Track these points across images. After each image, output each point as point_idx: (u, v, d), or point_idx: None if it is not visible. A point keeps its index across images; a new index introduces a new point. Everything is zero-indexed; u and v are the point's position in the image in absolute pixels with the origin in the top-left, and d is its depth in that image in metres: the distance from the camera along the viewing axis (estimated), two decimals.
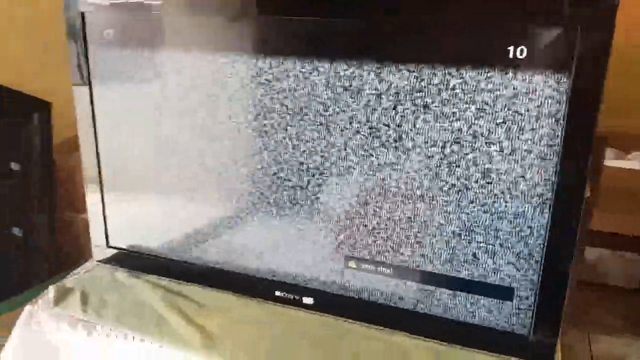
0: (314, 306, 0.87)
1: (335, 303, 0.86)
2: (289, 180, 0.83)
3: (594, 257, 2.18)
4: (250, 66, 0.80)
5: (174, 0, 0.83)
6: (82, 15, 0.87)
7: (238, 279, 0.91)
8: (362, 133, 0.77)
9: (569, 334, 1.84)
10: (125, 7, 0.86)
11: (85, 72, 0.91)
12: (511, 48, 0.67)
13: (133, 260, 0.98)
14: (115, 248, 0.99)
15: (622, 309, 2.00)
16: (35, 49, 2.02)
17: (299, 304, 0.87)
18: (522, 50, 0.67)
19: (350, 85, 0.75)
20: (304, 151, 0.81)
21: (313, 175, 0.81)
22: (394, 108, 0.74)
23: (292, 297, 0.88)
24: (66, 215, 2.01)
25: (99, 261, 1.00)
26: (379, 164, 0.77)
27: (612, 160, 1.76)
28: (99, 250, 1.00)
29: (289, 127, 0.80)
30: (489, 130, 0.70)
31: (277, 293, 0.88)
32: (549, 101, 0.67)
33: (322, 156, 0.80)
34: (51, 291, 0.90)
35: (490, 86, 0.69)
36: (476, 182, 0.73)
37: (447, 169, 0.74)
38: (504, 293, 0.77)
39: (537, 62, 0.66)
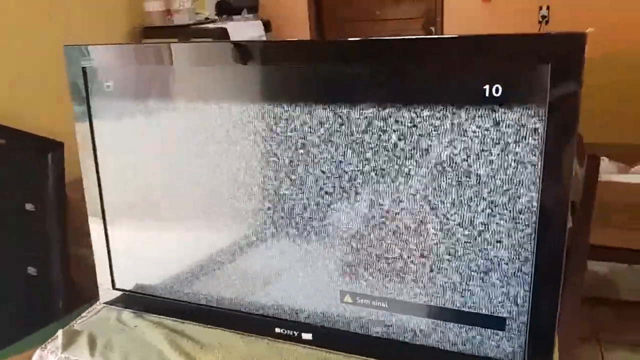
0: (314, 342, 0.89)
1: (334, 338, 0.87)
2: (288, 220, 0.86)
3: (606, 272, 2.16)
4: (239, 111, 0.84)
5: (168, 54, 0.88)
6: (84, 69, 0.92)
7: (239, 317, 0.93)
8: (347, 175, 0.79)
9: (583, 351, 1.82)
10: (121, 62, 0.91)
11: (87, 118, 0.95)
12: (487, 87, 0.69)
13: (138, 301, 1.01)
14: (120, 290, 1.02)
15: (636, 322, 1.97)
16: (49, 92, 2.10)
17: (299, 340, 0.89)
18: (497, 89, 0.69)
19: (340, 127, 0.78)
20: (303, 193, 0.83)
21: (310, 217, 0.84)
22: (383, 146, 0.77)
23: (291, 333, 0.90)
24: (80, 250, 2.06)
25: (106, 303, 1.04)
26: (370, 205, 0.80)
27: (616, 175, 1.76)
28: (105, 292, 1.03)
29: (287, 172, 0.83)
30: (469, 165, 0.72)
31: (277, 330, 0.90)
32: (527, 135, 0.69)
33: (318, 197, 0.83)
34: (60, 336, 0.93)
35: (467, 123, 0.71)
36: (461, 219, 0.75)
37: (430, 207, 0.76)
38: (496, 323, 0.78)
39: (513, 99, 0.68)
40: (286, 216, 0.86)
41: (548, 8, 2.57)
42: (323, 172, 0.81)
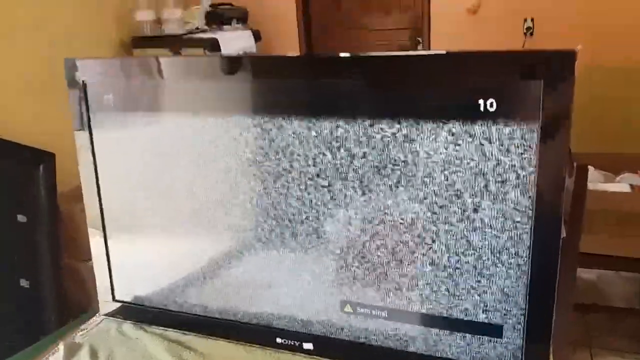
0: (314, 351, 0.90)
1: (335, 347, 0.89)
2: (287, 230, 0.87)
3: (596, 278, 2.21)
4: (234, 124, 0.85)
5: (165, 69, 0.89)
6: (84, 83, 0.94)
7: (240, 328, 0.94)
8: (348, 185, 0.81)
9: (573, 357, 1.85)
10: (122, 75, 0.92)
11: (87, 132, 0.96)
12: (481, 102, 0.72)
13: (138, 313, 1.01)
14: (120, 302, 1.02)
15: (626, 328, 2.01)
16: (40, 104, 2.10)
17: (300, 350, 0.91)
18: (491, 104, 0.72)
19: (336, 141, 0.80)
20: (298, 203, 0.85)
21: (310, 227, 0.86)
22: (378, 159, 0.79)
23: (292, 343, 0.91)
24: (72, 262, 2.04)
25: (106, 315, 1.04)
26: (368, 215, 0.82)
27: (601, 184, 1.80)
28: (105, 304, 1.04)
29: (283, 183, 0.85)
30: (466, 178, 0.75)
31: (278, 340, 0.92)
32: (520, 149, 0.71)
33: (315, 208, 0.84)
34: (61, 348, 0.93)
35: (462, 137, 0.73)
36: (458, 230, 0.77)
37: (431, 216, 0.78)
38: (494, 331, 0.80)
39: (506, 114, 0.71)
40: (285, 227, 0.87)
41: (532, 20, 2.63)
42: (319, 183, 0.83)
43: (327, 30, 3.31)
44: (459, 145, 0.74)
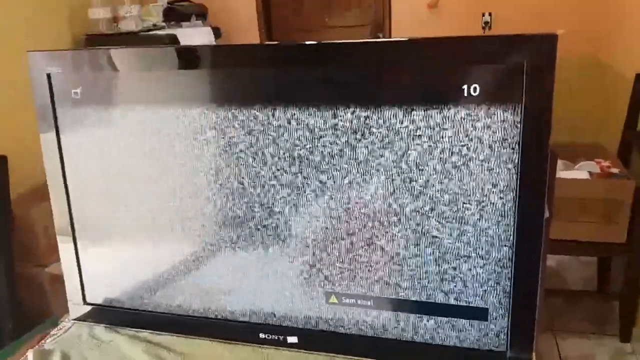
0: (299, 344, 0.88)
1: (320, 339, 0.88)
2: (260, 221, 0.85)
3: (555, 264, 2.29)
4: (209, 117, 0.83)
5: (135, 59, 0.85)
6: (48, 76, 0.88)
7: (220, 326, 0.92)
8: (329, 170, 0.80)
9: (539, 340, 1.91)
10: (91, 67, 0.88)
11: (54, 128, 0.91)
12: (465, 87, 0.72)
13: (111, 315, 0.97)
14: (92, 304, 0.98)
15: (585, 310, 2.10)
16: None
17: (284, 344, 0.89)
18: (475, 88, 0.72)
19: (315, 125, 0.79)
20: (272, 194, 0.83)
21: (284, 216, 0.84)
22: (359, 144, 0.78)
23: (276, 337, 0.89)
24: (28, 269, 1.95)
25: (76, 319, 0.99)
26: (348, 200, 0.81)
27: (562, 172, 1.87)
28: (76, 307, 0.98)
29: (255, 172, 0.83)
30: (451, 163, 0.75)
31: (261, 335, 0.90)
32: (504, 131, 0.72)
33: (290, 195, 0.83)
34: (30, 356, 0.88)
35: (447, 122, 0.74)
36: (442, 214, 0.77)
37: (414, 201, 0.78)
38: (479, 314, 0.81)
39: (490, 97, 0.72)
40: (260, 221, 0.85)
41: (490, 14, 2.69)
42: (296, 174, 0.81)
43: (287, 25, 3.29)
44: (444, 129, 0.74)
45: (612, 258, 2.08)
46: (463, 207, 0.76)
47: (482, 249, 0.77)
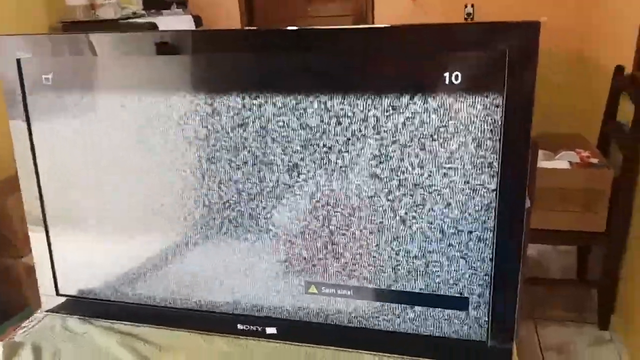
0: (278, 335, 0.87)
1: (299, 330, 0.86)
2: (238, 210, 0.83)
3: (535, 253, 2.31)
4: (185, 104, 0.80)
5: (107, 44, 0.83)
6: (18, 61, 0.85)
7: (197, 317, 0.90)
8: (310, 158, 0.79)
9: (519, 328, 1.93)
10: (63, 52, 0.85)
11: (24, 115, 0.88)
12: (446, 75, 0.71)
13: (85, 307, 0.95)
14: (65, 296, 0.95)
15: (565, 298, 2.12)
16: None
17: (263, 335, 0.87)
18: (457, 76, 0.71)
19: (301, 115, 0.77)
20: (250, 183, 0.82)
21: (262, 206, 0.82)
22: (337, 132, 0.76)
23: (254, 328, 0.88)
24: (3, 260, 1.90)
25: (48, 311, 0.96)
26: (328, 189, 0.79)
27: (543, 162, 1.87)
28: (48, 299, 0.96)
29: (233, 162, 0.81)
30: (432, 151, 0.74)
31: (240, 326, 0.88)
32: (486, 120, 0.71)
33: (269, 185, 0.81)
34: None
35: (429, 110, 0.73)
36: (422, 202, 0.76)
37: (395, 190, 0.77)
38: (459, 303, 0.80)
39: (472, 86, 0.70)
40: (238, 211, 0.83)
41: (473, 6, 2.69)
42: (274, 163, 0.80)
43: (269, 15, 3.25)
44: (425, 118, 0.73)
45: (591, 247, 2.10)
46: (444, 196, 0.75)
47: (462, 238, 0.77)
